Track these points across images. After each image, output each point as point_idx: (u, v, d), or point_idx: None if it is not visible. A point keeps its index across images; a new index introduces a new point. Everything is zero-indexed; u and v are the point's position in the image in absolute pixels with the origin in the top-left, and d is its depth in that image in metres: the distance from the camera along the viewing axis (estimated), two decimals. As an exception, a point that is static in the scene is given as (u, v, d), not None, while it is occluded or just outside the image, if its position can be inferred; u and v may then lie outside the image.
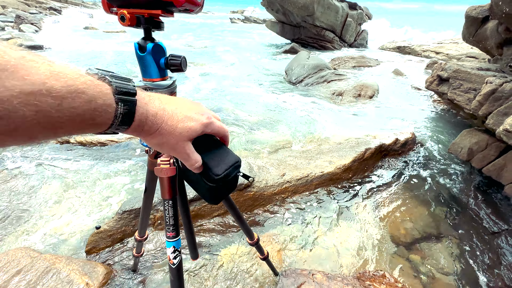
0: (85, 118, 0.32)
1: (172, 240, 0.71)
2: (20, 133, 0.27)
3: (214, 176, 0.50)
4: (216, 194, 0.58)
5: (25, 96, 0.26)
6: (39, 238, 1.92)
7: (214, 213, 2.05)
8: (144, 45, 0.55)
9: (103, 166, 2.73)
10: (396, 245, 1.99)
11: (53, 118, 0.29)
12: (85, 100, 0.31)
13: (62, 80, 0.29)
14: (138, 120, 0.38)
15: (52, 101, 0.28)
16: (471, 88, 2.03)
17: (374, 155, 2.84)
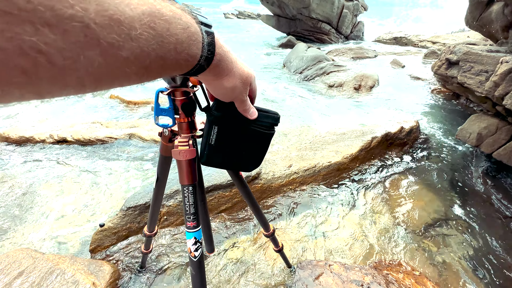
0: (184, 47, 0.30)
1: (192, 230, 0.64)
2: (142, 61, 0.26)
3: (275, 115, 0.56)
4: (267, 147, 0.61)
5: (147, 16, 0.25)
6: (40, 239, 1.84)
7: (221, 207, 1.99)
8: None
9: (103, 164, 2.64)
10: (409, 233, 1.95)
11: (164, 44, 0.27)
12: (183, 26, 0.30)
13: (165, 4, 0.28)
14: (219, 55, 0.37)
15: (164, 25, 0.27)
16: (483, 70, 1.98)
17: (380, 144, 2.79)
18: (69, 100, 4.22)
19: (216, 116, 0.53)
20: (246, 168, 0.62)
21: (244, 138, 0.56)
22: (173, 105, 0.58)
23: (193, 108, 0.60)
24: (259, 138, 0.57)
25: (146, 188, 1.90)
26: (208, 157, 0.59)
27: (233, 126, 0.54)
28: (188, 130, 0.62)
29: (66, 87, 0.22)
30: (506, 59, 1.67)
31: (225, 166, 0.61)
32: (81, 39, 0.20)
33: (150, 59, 0.26)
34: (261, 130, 0.55)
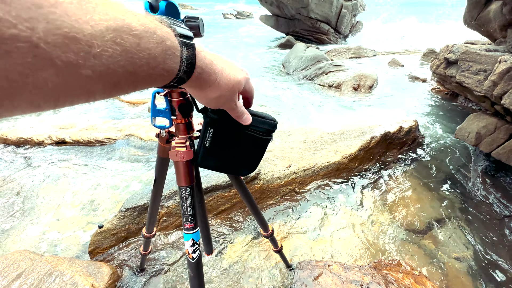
0: (158, 62, 0.29)
1: (190, 232, 0.63)
2: (108, 78, 0.24)
3: (273, 122, 0.55)
4: (262, 153, 0.60)
5: (112, 32, 0.23)
6: (39, 240, 1.83)
7: (220, 208, 1.99)
8: (156, 4, 0.47)
9: (102, 165, 2.63)
10: (407, 233, 1.95)
11: (134, 60, 0.26)
12: (157, 40, 0.28)
13: (136, 18, 0.27)
14: (199, 68, 0.36)
15: (133, 40, 0.26)
16: (481, 70, 1.98)
17: (379, 144, 2.79)
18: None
19: (212, 118, 0.53)
20: (240, 172, 0.62)
21: (239, 142, 0.56)
22: (170, 106, 0.58)
23: (190, 109, 0.60)
24: (254, 143, 0.56)
25: (145, 189, 1.89)
26: (203, 159, 0.59)
27: (229, 129, 0.54)
28: (185, 131, 0.62)
29: (16, 108, 0.20)
30: (505, 58, 1.67)
31: (219, 169, 0.61)
32: (29, 59, 0.19)
33: (118, 76, 0.25)
34: (257, 135, 0.55)
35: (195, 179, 0.63)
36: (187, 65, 0.33)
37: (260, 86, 5.44)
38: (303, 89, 5.32)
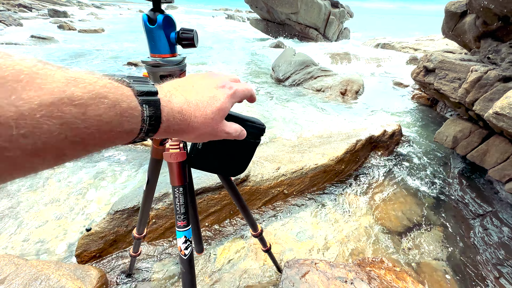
0: (113, 126, 0.28)
1: (183, 229, 0.67)
2: (48, 151, 0.24)
3: (261, 126, 0.56)
4: (251, 155, 0.62)
5: (47, 107, 0.23)
6: (24, 244, 1.79)
7: (210, 210, 2.01)
8: (153, 17, 0.51)
9: (90, 167, 2.59)
10: (388, 234, 2.04)
11: (80, 130, 0.25)
12: (109, 105, 0.28)
13: (81, 86, 0.26)
14: (166, 121, 0.34)
15: (76, 110, 0.25)
16: (456, 78, 2.13)
17: (364, 147, 2.90)
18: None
19: None
20: (230, 173, 0.65)
21: (229, 145, 0.59)
22: (164, 111, 0.61)
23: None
24: (244, 147, 0.60)
25: (135, 192, 1.89)
26: (195, 161, 0.63)
27: None
28: (178, 134, 0.66)
29: None
30: (475, 68, 1.80)
31: (210, 170, 0.65)
32: None
33: (63, 147, 0.24)
34: (246, 139, 0.58)
35: (187, 179, 0.67)
36: (151, 123, 0.32)
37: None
38: (291, 93, 5.43)
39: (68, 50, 8.42)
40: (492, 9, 2.29)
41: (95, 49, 8.82)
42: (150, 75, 0.57)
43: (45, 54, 7.67)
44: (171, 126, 0.35)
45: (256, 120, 0.60)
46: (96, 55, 7.93)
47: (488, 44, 2.59)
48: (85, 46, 9.23)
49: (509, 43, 2.26)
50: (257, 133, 0.60)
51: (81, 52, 8.25)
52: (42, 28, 12.78)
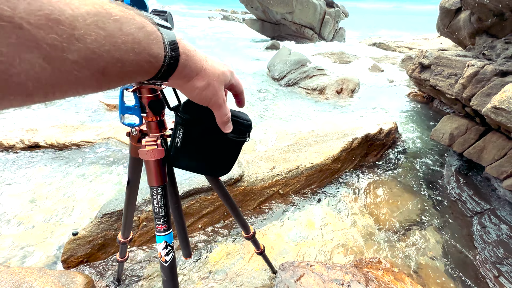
0: (143, 47, 0.29)
1: (163, 234, 0.61)
2: (95, 63, 0.24)
3: (247, 122, 0.53)
4: (236, 154, 0.59)
5: (93, 16, 0.24)
6: (7, 251, 1.71)
7: (203, 211, 1.95)
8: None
9: (78, 169, 2.52)
10: (386, 233, 2.00)
11: (119, 45, 0.26)
12: (138, 26, 0.28)
13: (113, 5, 0.27)
14: (184, 54, 0.35)
15: (114, 25, 0.25)
16: (452, 74, 2.10)
17: (361, 145, 2.86)
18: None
19: (182, 117, 0.52)
20: (214, 173, 0.61)
21: (212, 143, 0.54)
22: (139, 103, 0.56)
23: (162, 106, 0.59)
24: (228, 144, 0.55)
25: (123, 193, 1.82)
26: (174, 159, 0.57)
27: (200, 129, 0.52)
28: (157, 129, 0.60)
29: (7, 96, 0.20)
30: (472, 63, 1.77)
31: (192, 169, 0.59)
32: (13, 40, 0.19)
33: (105, 62, 0.25)
34: (231, 136, 0.53)
35: (167, 179, 0.61)
36: (172, 51, 0.33)
37: (244, 89, 5.45)
38: (287, 92, 5.39)
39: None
40: (487, 4, 2.27)
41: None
42: None
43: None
44: (188, 61, 0.36)
45: (242, 115, 0.55)
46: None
47: (483, 41, 2.58)
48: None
49: (504, 39, 2.24)
50: (243, 130, 0.55)
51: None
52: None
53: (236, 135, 0.55)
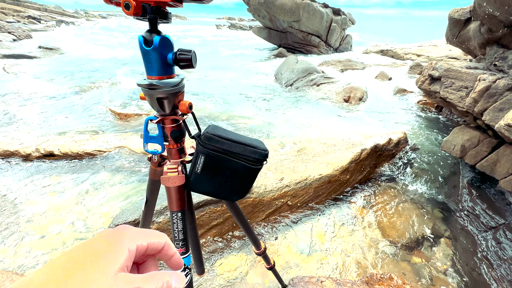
0: None
1: (181, 256, 0.63)
2: None
3: (264, 152, 0.58)
4: (252, 180, 0.63)
5: None
6: (22, 259, 1.76)
7: (212, 222, 1.96)
8: (150, 38, 0.49)
9: (91, 179, 2.58)
10: (397, 248, 1.97)
11: None
12: None
13: None
14: None
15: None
16: (463, 86, 2.09)
17: (369, 156, 2.84)
18: (60, 112, 4.14)
19: (204, 147, 0.54)
20: (230, 198, 0.63)
21: (229, 170, 0.57)
22: (162, 133, 0.59)
23: (182, 134, 0.61)
24: (245, 172, 0.58)
25: (136, 205, 1.86)
26: (194, 184, 0.60)
27: (220, 158, 0.55)
28: (177, 155, 0.63)
29: None
30: (483, 77, 1.76)
31: (210, 194, 0.62)
32: None
33: None
34: (248, 164, 0.56)
35: (186, 203, 0.64)
36: None
37: (251, 97, 5.50)
38: (294, 100, 5.41)
39: (73, 58, 8.58)
40: (497, 16, 2.26)
41: (99, 58, 8.98)
42: (146, 98, 0.55)
43: (53, 64, 7.82)
44: None
45: (259, 144, 0.58)
46: (98, 61, 8.06)
47: (494, 51, 2.55)
48: (90, 56, 9.40)
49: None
50: (260, 159, 0.57)
51: (84, 60, 8.40)
52: (52, 38, 13.10)
53: (253, 163, 0.57)
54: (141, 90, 0.56)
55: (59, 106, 4.47)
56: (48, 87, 5.51)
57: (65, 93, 5.15)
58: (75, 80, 6.15)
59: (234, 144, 0.57)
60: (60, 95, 5.03)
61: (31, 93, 5.07)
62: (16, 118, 3.88)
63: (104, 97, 4.97)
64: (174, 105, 0.56)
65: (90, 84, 5.77)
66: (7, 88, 5.32)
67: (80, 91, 5.30)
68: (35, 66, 7.40)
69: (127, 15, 0.45)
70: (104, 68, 7.46)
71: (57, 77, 6.40)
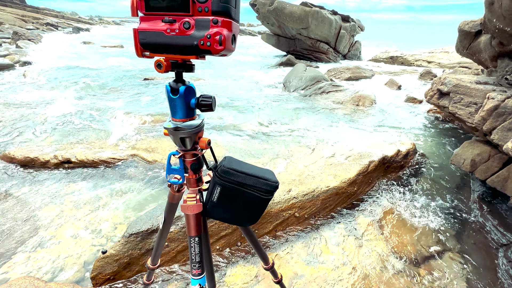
0: None
1: (197, 277, 0.69)
2: None
3: (275, 184, 0.64)
4: (263, 209, 0.68)
5: None
6: (42, 265, 1.85)
7: (221, 233, 2.02)
8: (176, 87, 0.56)
9: (105, 186, 2.69)
10: (404, 263, 1.97)
11: None
12: None
13: None
14: None
15: None
16: (472, 102, 2.09)
17: (377, 168, 2.85)
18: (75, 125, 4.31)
19: (220, 178, 0.61)
20: (243, 224, 0.69)
21: (243, 200, 0.63)
22: (183, 165, 0.65)
23: (201, 166, 0.68)
24: (256, 202, 0.64)
25: (148, 214, 1.93)
26: (210, 212, 0.66)
27: (234, 189, 0.61)
28: (195, 184, 0.69)
29: None
30: (492, 95, 1.77)
31: (224, 220, 0.68)
32: None
33: None
34: (259, 195, 0.62)
35: (202, 229, 0.70)
36: None
37: (261, 103, 5.57)
38: (301, 109, 5.44)
39: (89, 67, 8.90)
40: (508, 31, 2.26)
41: (114, 66, 9.28)
42: (170, 136, 0.61)
43: (69, 73, 8.14)
44: None
45: (270, 176, 0.63)
46: (114, 71, 8.34)
47: (506, 64, 2.54)
48: (106, 64, 9.73)
49: (528, 65, 2.20)
50: (270, 190, 0.63)
51: (100, 68, 8.71)
52: (69, 44, 13.64)
53: (265, 194, 0.63)
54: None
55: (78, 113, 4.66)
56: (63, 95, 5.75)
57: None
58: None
59: (247, 176, 0.63)
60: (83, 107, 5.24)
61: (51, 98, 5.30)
62: (34, 126, 4.06)
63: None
64: (195, 141, 0.63)
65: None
66: (29, 95, 5.59)
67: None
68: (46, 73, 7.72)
69: (158, 72, 0.52)
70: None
71: (71, 85, 6.66)
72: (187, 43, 0.50)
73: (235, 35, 0.53)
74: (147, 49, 0.52)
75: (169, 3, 0.50)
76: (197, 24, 0.49)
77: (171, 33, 0.50)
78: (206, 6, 0.49)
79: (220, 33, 0.48)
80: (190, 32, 0.50)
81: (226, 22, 0.50)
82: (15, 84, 6.42)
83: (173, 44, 0.51)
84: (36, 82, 6.65)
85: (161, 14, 0.51)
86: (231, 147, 3.61)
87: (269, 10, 11.32)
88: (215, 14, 0.49)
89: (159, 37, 0.51)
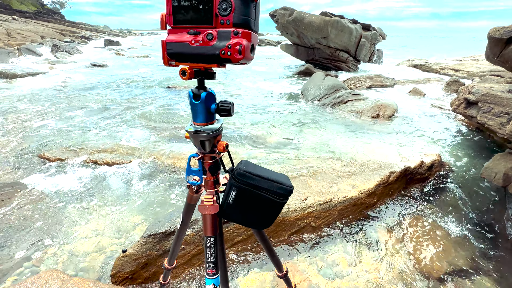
0: None
1: (212, 277, 0.71)
2: None
3: (289, 188, 0.66)
4: (277, 213, 0.70)
5: None
6: (67, 260, 1.97)
7: (236, 239, 2.03)
8: (198, 93, 0.60)
9: (129, 187, 2.81)
10: (427, 280, 1.85)
11: None
12: None
13: None
14: None
15: None
16: (503, 112, 1.96)
17: (399, 179, 2.74)
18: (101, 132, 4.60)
19: (237, 182, 0.63)
20: (257, 227, 0.71)
21: (258, 203, 0.65)
22: (202, 167, 0.69)
23: (218, 168, 0.71)
24: (271, 205, 0.66)
25: (167, 216, 2.00)
26: (226, 213, 0.69)
27: (250, 192, 0.63)
28: (212, 186, 0.72)
29: None
30: (526, 105, 1.65)
31: (239, 222, 0.70)
32: None
33: None
34: (274, 198, 0.63)
35: (218, 229, 0.72)
36: None
37: (278, 111, 5.60)
38: (320, 117, 5.39)
39: (120, 76, 9.50)
40: (544, 37, 2.12)
41: (143, 75, 9.83)
42: (191, 139, 0.65)
43: (100, 81, 8.74)
44: None
45: (284, 181, 0.65)
46: (143, 80, 8.82)
47: (542, 73, 2.37)
48: (134, 73, 10.34)
49: None
50: (285, 194, 0.64)
51: (131, 78, 9.26)
52: (100, 56, 14.70)
53: (279, 198, 0.65)
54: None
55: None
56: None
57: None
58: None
59: (263, 180, 0.65)
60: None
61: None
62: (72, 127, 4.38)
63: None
64: (214, 144, 0.66)
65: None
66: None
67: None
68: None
69: (182, 79, 0.56)
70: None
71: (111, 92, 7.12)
72: (209, 53, 0.54)
73: (254, 45, 0.56)
74: (173, 59, 0.57)
75: (194, 16, 0.55)
76: (219, 35, 0.54)
77: (195, 44, 0.55)
78: (228, 19, 0.53)
79: (240, 43, 0.52)
80: (213, 43, 0.54)
81: (246, 33, 0.53)
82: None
83: (196, 54, 0.55)
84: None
85: (187, 27, 0.56)
86: (241, 154, 3.65)
87: (288, 21, 11.48)
88: (236, 26, 0.53)
89: (184, 47, 0.55)
